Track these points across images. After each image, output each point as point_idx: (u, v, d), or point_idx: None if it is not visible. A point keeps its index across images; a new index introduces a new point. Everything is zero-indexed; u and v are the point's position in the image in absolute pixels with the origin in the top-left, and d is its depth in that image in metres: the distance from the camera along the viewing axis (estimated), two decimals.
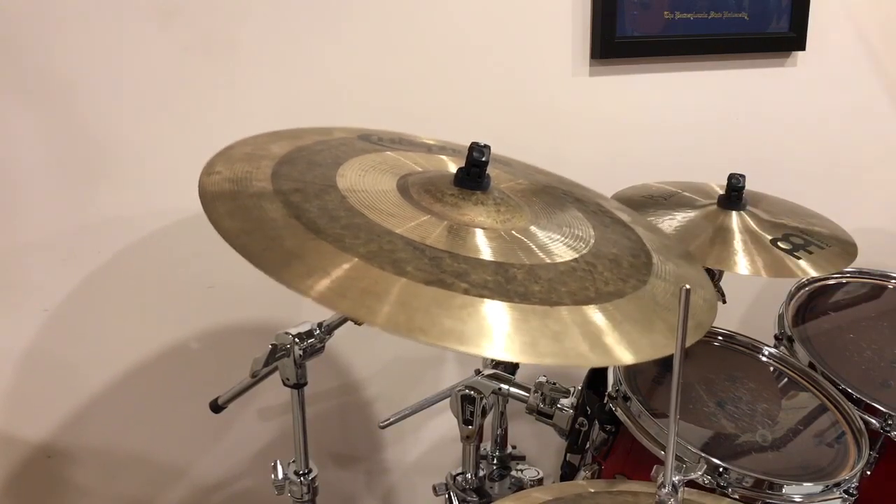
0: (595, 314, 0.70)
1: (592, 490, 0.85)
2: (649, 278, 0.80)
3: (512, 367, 1.14)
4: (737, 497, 0.89)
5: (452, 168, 0.86)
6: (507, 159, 1.04)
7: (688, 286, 0.60)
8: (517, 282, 0.70)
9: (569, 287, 0.72)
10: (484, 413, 1.03)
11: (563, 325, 0.67)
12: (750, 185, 1.19)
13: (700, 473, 0.87)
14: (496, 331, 0.64)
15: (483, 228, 0.77)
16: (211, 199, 0.71)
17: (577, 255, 0.79)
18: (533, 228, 0.82)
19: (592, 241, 0.83)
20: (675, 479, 0.68)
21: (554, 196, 0.95)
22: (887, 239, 1.75)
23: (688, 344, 0.70)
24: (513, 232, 0.79)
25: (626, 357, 0.68)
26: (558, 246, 0.80)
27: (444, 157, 0.95)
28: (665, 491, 0.68)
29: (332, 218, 0.71)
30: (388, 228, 0.71)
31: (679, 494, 0.69)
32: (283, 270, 0.64)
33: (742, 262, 1.08)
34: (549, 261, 0.76)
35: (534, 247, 0.78)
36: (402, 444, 1.51)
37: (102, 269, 1.21)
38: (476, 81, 1.34)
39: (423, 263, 0.67)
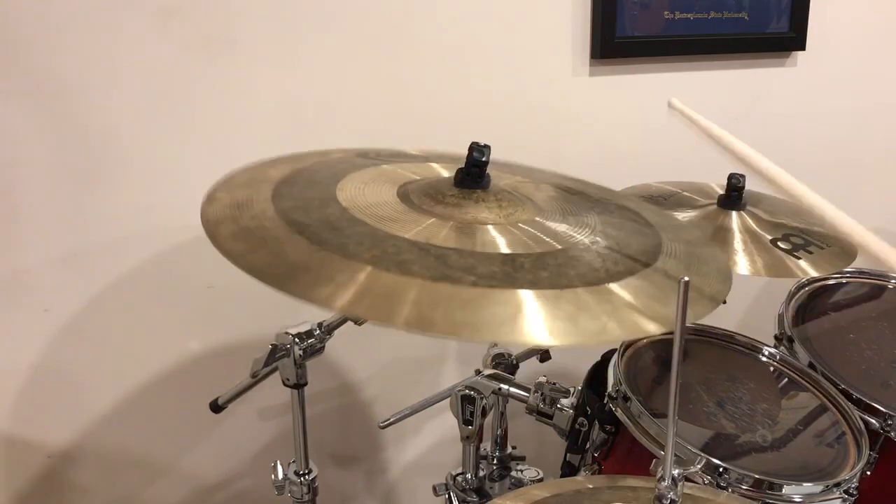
0: (608, 291, 0.71)
1: (591, 486, 0.85)
2: (660, 256, 0.80)
3: (512, 368, 1.14)
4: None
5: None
6: (506, 163, 1.04)
7: (686, 278, 0.60)
8: (525, 270, 0.70)
9: (578, 270, 0.73)
10: (484, 413, 1.03)
11: (576, 305, 0.68)
12: (750, 185, 1.19)
13: (699, 467, 0.87)
14: (510, 318, 0.65)
15: (487, 224, 0.78)
16: (214, 225, 0.72)
17: (584, 240, 0.79)
18: (538, 219, 0.82)
19: (598, 226, 0.84)
20: (675, 472, 0.68)
21: (557, 188, 0.95)
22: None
23: (704, 315, 0.72)
24: (518, 224, 0.79)
25: (649, 328, 0.68)
26: (565, 233, 0.80)
27: (440, 167, 0.95)
28: (665, 484, 0.68)
29: (335, 229, 0.72)
30: (391, 233, 0.72)
31: (679, 487, 0.68)
32: (294, 285, 0.65)
33: (742, 262, 1.08)
34: (558, 247, 0.76)
35: (541, 235, 0.78)
36: (402, 444, 1.51)
37: (103, 270, 1.21)
38: (476, 82, 1.34)
39: (429, 262, 0.68)
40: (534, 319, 0.65)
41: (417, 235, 0.72)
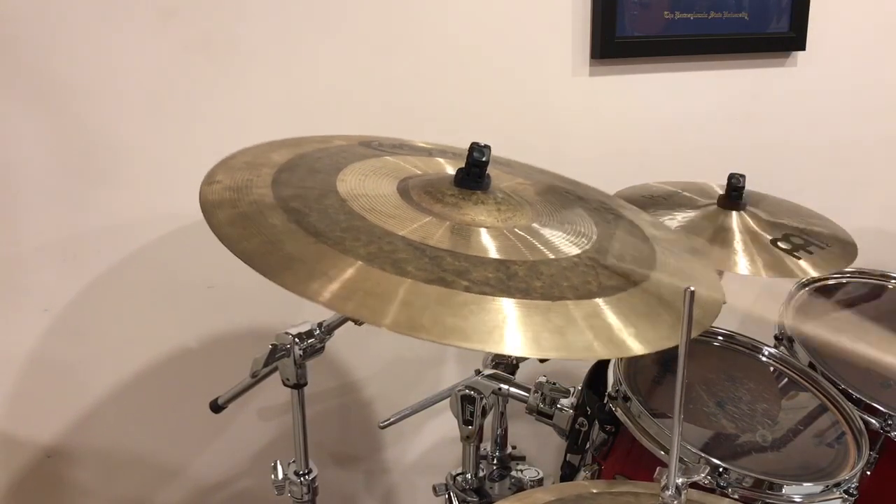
0: (597, 307, 0.70)
1: (594, 490, 0.85)
2: (653, 272, 0.80)
3: (512, 368, 1.14)
4: (737, 497, 0.89)
5: (452, 171, 0.86)
6: (507, 160, 1.04)
7: (692, 287, 0.59)
8: (519, 278, 0.70)
9: (571, 282, 0.72)
10: (484, 413, 1.03)
11: (565, 318, 0.67)
12: (750, 185, 1.19)
13: (703, 475, 0.87)
14: (499, 327, 0.64)
15: (485, 227, 0.77)
16: (211, 208, 0.72)
17: (579, 251, 0.79)
18: (535, 226, 0.82)
19: (595, 236, 0.83)
20: (679, 480, 0.68)
21: (556, 194, 0.95)
22: (887, 239, 1.75)
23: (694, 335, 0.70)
24: (515, 230, 0.79)
25: (633, 348, 0.68)
26: (561, 242, 0.80)
27: (443, 161, 0.95)
28: (669, 493, 0.68)
29: (332, 221, 0.71)
30: (389, 230, 0.72)
31: (682, 496, 0.68)
32: (285, 275, 0.64)
33: (742, 262, 1.08)
34: (551, 257, 0.76)
35: (536, 243, 0.78)
36: (402, 444, 1.51)
37: (103, 270, 1.21)
38: (476, 81, 1.34)
39: (423, 263, 0.68)
40: (524, 330, 0.65)
41: (413, 234, 0.72)
